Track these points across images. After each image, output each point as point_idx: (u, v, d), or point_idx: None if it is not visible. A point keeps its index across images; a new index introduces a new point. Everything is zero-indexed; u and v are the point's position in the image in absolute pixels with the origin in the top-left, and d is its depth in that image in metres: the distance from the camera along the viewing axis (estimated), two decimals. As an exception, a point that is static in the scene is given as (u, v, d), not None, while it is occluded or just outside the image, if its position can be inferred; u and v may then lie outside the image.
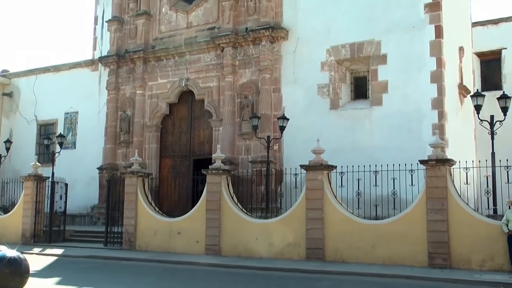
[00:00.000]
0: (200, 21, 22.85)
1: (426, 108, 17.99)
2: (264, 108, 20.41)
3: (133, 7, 24.73)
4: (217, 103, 21.68)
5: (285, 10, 21.01)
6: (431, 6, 18.37)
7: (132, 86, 24.03)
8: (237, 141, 21.11)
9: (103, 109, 25.20)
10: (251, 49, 21.15)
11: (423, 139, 17.22)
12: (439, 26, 18.23)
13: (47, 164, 24.29)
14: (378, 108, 18.81)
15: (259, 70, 20.79)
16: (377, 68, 19.02)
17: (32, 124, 28.24)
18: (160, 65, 23.43)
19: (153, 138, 23.29)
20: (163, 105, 23.25)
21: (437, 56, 18.13)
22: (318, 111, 19.76)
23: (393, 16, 18.89)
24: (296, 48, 20.49)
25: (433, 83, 18.06)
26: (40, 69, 28.75)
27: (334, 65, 19.82)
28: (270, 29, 20.48)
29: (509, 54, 24.58)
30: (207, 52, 22.19)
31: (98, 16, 26.75)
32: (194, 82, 22.44)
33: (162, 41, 23.62)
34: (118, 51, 24.53)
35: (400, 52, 18.63)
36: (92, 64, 26.35)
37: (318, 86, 19.95)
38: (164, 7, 24.07)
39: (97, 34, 26.67)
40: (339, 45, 19.73)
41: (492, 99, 17.42)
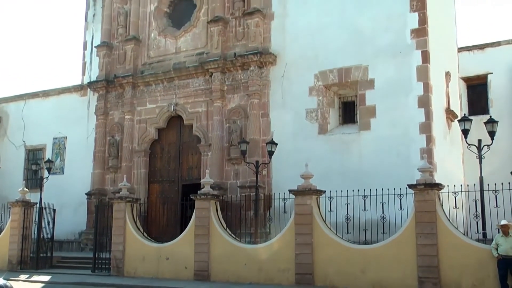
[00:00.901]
0: (189, 47, 22.98)
1: (414, 132, 18.07)
2: (252, 133, 20.43)
3: (122, 33, 24.83)
4: (206, 128, 21.69)
5: (273, 35, 21.18)
6: (417, 32, 18.59)
7: (121, 111, 24.01)
8: (226, 166, 21.06)
9: (91, 134, 25.12)
10: (239, 74, 21.25)
11: (411, 163, 17.24)
12: (425, 52, 18.43)
13: (35, 190, 24.09)
14: (366, 132, 18.88)
15: (248, 95, 20.87)
16: (364, 92, 19.15)
17: (20, 150, 28.07)
18: (149, 90, 23.46)
19: (142, 163, 23.21)
20: (152, 130, 23.22)
21: (424, 81, 18.29)
22: (306, 135, 19.81)
23: (380, 42, 19.08)
24: (284, 73, 20.61)
25: (421, 107, 18.18)
26: (29, 94, 28.68)
27: (322, 90, 19.94)
28: (259, 54, 20.62)
29: (495, 79, 24.86)
30: (196, 77, 22.27)
31: (87, 41, 26.81)
32: (183, 107, 22.47)
33: (151, 66, 23.69)
34: (107, 76, 24.56)
35: (388, 77, 18.78)
36: (81, 89, 26.34)
37: (307, 111, 20.02)
38: (153, 33, 24.19)
39: (86, 59, 26.69)
40: (327, 70, 19.88)
41: (479, 123, 17.59)
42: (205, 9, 22.82)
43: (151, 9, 24.41)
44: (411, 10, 18.80)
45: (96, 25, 26.33)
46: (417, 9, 18.74)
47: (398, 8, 18.95)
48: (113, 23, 25.35)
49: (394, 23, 18.96)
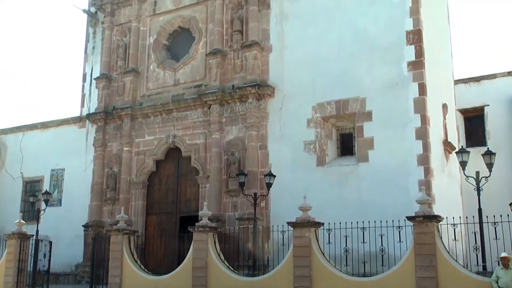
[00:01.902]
0: (188, 79, 23.13)
1: (412, 164, 18.08)
2: (250, 165, 20.43)
3: (122, 65, 25.02)
4: (204, 160, 21.69)
5: (271, 67, 21.35)
6: (414, 64, 18.75)
7: (119, 143, 24.04)
8: (224, 198, 21.00)
9: (89, 166, 25.08)
10: (237, 106, 21.35)
11: (410, 195, 17.21)
12: (422, 84, 18.57)
13: (31, 222, 23.94)
14: (364, 164, 18.89)
15: (246, 127, 20.93)
16: (362, 124, 19.21)
17: (18, 181, 27.98)
18: (148, 122, 23.53)
19: (140, 195, 23.14)
20: (150, 162, 23.21)
21: (421, 113, 18.37)
22: (304, 167, 19.80)
23: (377, 74, 19.23)
24: (282, 105, 20.72)
25: (418, 139, 18.22)
26: (28, 126, 28.73)
27: (320, 122, 20.01)
28: (257, 87, 20.75)
29: (492, 111, 25.01)
30: (194, 109, 22.36)
31: (87, 73, 26.98)
32: (181, 139, 22.51)
33: (150, 98, 23.81)
34: (106, 108, 24.66)
35: (385, 109, 18.87)
36: (80, 121, 26.40)
37: (305, 143, 20.06)
38: (152, 65, 24.38)
39: (85, 91, 26.82)
40: (324, 102, 19.98)
41: (477, 155, 17.64)
42: (204, 41, 23.06)
43: (150, 41, 24.65)
44: (407, 43, 19.00)
45: (96, 57, 26.54)
46: (414, 42, 18.93)
47: (395, 41, 19.15)
48: (112, 55, 25.56)
49: (391, 56, 19.14)
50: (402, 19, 19.20)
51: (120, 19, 25.74)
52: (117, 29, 25.72)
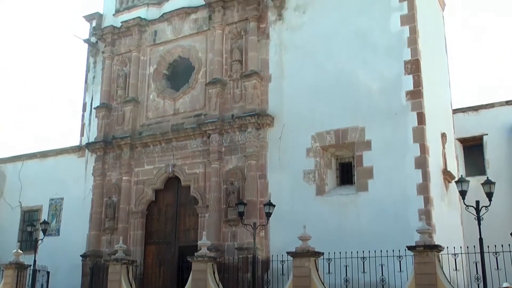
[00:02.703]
0: (187, 108, 23.22)
1: (412, 193, 18.03)
2: (250, 195, 20.38)
3: (122, 94, 25.15)
4: (203, 190, 21.64)
5: (270, 97, 21.45)
6: (412, 94, 18.86)
7: (119, 172, 24.01)
8: (223, 228, 20.89)
9: (88, 195, 24.99)
10: (237, 136, 21.39)
11: (410, 225, 17.13)
12: (421, 113, 18.65)
13: (29, 252, 23.77)
14: (364, 193, 18.85)
15: (245, 157, 20.94)
16: (362, 154, 19.23)
17: (16, 211, 27.86)
18: (147, 151, 23.55)
19: (138, 225, 23.01)
20: (149, 191, 23.16)
21: (420, 142, 18.41)
22: (304, 197, 19.74)
23: (376, 103, 19.32)
24: (282, 134, 20.76)
25: (418, 168, 18.21)
26: (27, 155, 28.73)
27: (319, 151, 20.03)
28: (256, 116, 20.82)
29: (491, 140, 25.09)
30: (194, 139, 22.39)
31: (87, 103, 27.08)
32: (181, 168, 22.49)
33: (149, 127, 23.87)
34: (106, 138, 24.70)
35: (384, 138, 18.91)
36: (79, 150, 26.40)
37: (304, 172, 20.05)
38: (152, 94, 24.50)
39: (85, 121, 26.87)
40: (324, 131, 20.03)
41: (476, 184, 17.58)
42: (204, 71, 23.22)
43: (150, 71, 24.83)
44: (405, 72, 19.14)
45: (96, 87, 26.68)
46: (412, 71, 19.08)
47: (393, 71, 19.30)
48: (112, 84, 25.70)
49: (389, 85, 19.27)
50: (400, 49, 19.38)
51: (121, 49, 25.94)
52: (118, 58, 25.92)
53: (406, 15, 19.60)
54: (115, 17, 26.69)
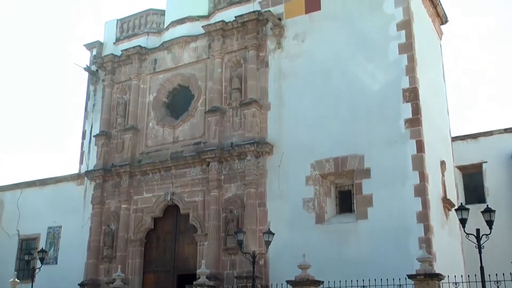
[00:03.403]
0: (186, 136, 23.26)
1: (412, 221, 17.96)
2: (249, 223, 20.28)
3: (121, 122, 25.21)
4: (202, 218, 21.55)
5: (269, 125, 21.50)
6: (411, 122, 18.92)
7: (117, 200, 23.94)
8: (222, 256, 20.76)
9: (87, 223, 24.88)
10: (236, 164, 21.38)
11: (410, 253, 17.05)
12: (420, 141, 18.68)
13: (26, 281, 23.60)
14: (363, 222, 18.77)
15: (245, 185, 20.90)
16: (361, 182, 19.20)
17: (14, 239, 27.68)
18: (146, 179, 23.51)
19: (137, 253, 22.86)
20: (148, 219, 23.05)
21: (419, 170, 18.40)
22: (303, 225, 19.65)
23: (375, 131, 19.36)
24: (281, 162, 20.75)
25: (417, 196, 18.16)
26: (26, 183, 28.65)
27: (318, 179, 20.00)
28: (255, 144, 20.84)
29: (490, 168, 25.12)
30: (193, 167, 22.37)
31: (86, 130, 27.13)
32: (180, 197, 22.43)
33: (149, 155, 23.87)
34: (105, 165, 24.67)
35: (384, 166, 18.91)
36: (78, 178, 26.35)
37: (303, 200, 19.99)
38: (151, 122, 24.56)
39: (85, 149, 26.87)
40: (323, 159, 20.03)
41: (476, 212, 17.54)
42: (203, 99, 23.32)
43: (150, 99, 24.93)
44: (404, 100, 19.23)
45: (96, 115, 26.75)
46: (410, 99, 19.16)
47: (392, 99, 19.39)
48: (112, 112, 25.78)
49: (388, 113, 19.34)
50: (399, 77, 19.50)
51: (121, 77, 26.08)
52: (118, 86, 26.04)
53: (404, 44, 19.77)
54: (115, 45, 26.93)
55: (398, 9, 20.19)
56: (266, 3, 22.93)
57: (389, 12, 20.30)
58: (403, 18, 20.02)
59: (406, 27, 19.92)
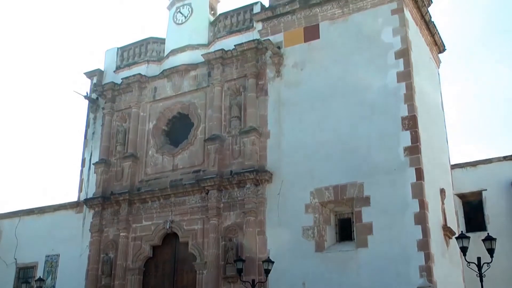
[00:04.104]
0: (186, 164, 23.24)
1: (412, 250, 17.85)
2: (249, 251, 20.15)
3: (121, 150, 25.20)
4: (202, 246, 21.42)
5: (269, 153, 21.50)
6: (410, 150, 18.93)
7: (116, 228, 23.80)
8: (222, 285, 20.56)
9: (85, 251, 24.71)
10: (236, 192, 21.33)
11: (411, 282, 16.93)
12: (419, 169, 18.66)
13: (23, 311, 23.32)
14: (363, 250, 18.65)
15: (244, 213, 20.81)
16: (361, 210, 19.14)
17: (11, 267, 27.42)
18: (145, 207, 23.42)
19: (135, 282, 22.65)
20: (147, 247, 22.90)
21: (419, 198, 18.35)
22: (303, 253, 19.51)
23: (374, 159, 19.37)
24: (281, 190, 20.70)
25: (418, 224, 18.08)
26: (24, 211, 28.48)
27: (318, 207, 19.94)
28: (255, 172, 20.82)
29: (490, 196, 25.07)
30: (192, 195, 22.31)
31: (86, 158, 27.10)
32: (179, 224, 22.32)
33: (148, 183, 23.82)
34: (104, 193, 24.58)
35: (383, 194, 18.86)
36: (77, 206, 26.22)
37: (303, 228, 19.89)
38: (151, 150, 24.56)
39: (84, 176, 26.81)
40: (322, 187, 19.99)
41: (477, 240, 17.45)
42: (203, 127, 23.36)
43: (150, 127, 24.97)
44: (403, 128, 19.28)
45: (95, 143, 26.74)
46: (409, 127, 19.22)
47: (391, 127, 19.45)
48: (112, 140, 25.78)
49: (387, 141, 19.37)
50: (397, 105, 19.59)
51: (121, 105, 26.15)
52: (117, 114, 26.09)
53: (402, 72, 19.91)
54: (115, 73, 27.06)
55: (396, 38, 20.39)
56: (266, 31, 23.15)
57: (387, 41, 20.49)
58: (401, 47, 20.21)
59: (404, 56, 20.10)
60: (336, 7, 21.89)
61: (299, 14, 22.66)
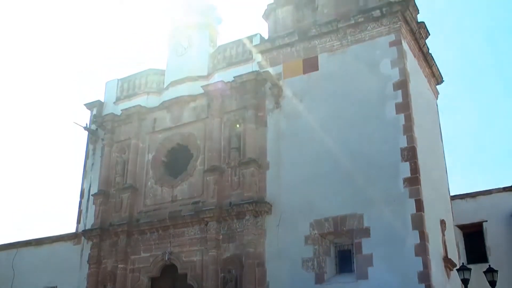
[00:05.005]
0: (185, 195, 23.17)
1: (413, 281, 17.66)
2: (248, 283, 19.95)
3: (120, 181, 25.15)
4: (200, 278, 21.23)
5: (268, 184, 21.45)
6: (409, 181, 18.89)
7: (114, 260, 23.61)
8: (221, 317, 20.35)
9: (83, 283, 24.45)
10: (235, 223, 21.22)
11: (412, 315, 16.74)
12: (419, 200, 18.60)
13: None
14: (364, 282, 18.46)
15: (243, 245, 20.67)
16: (360, 241, 19.01)
17: (7, 301, 27.18)
18: (144, 238, 23.28)
19: (133, 314, 22.41)
20: (145, 279, 22.70)
21: (419, 229, 18.24)
22: (303, 285, 19.31)
23: (374, 190, 19.31)
24: (280, 222, 20.60)
25: (418, 256, 17.94)
26: (22, 243, 28.27)
27: (318, 238, 19.82)
28: (254, 204, 20.74)
29: (490, 227, 24.98)
30: (191, 226, 22.19)
31: (85, 189, 27.04)
32: (177, 256, 22.16)
33: (147, 214, 23.72)
34: (102, 224, 24.46)
35: (383, 225, 18.77)
36: (75, 238, 26.06)
37: (303, 260, 19.74)
38: (150, 181, 24.51)
39: (83, 208, 26.70)
40: (322, 218, 19.89)
41: (479, 271, 17.34)
42: (202, 158, 23.36)
43: (149, 158, 24.97)
44: (402, 159, 19.27)
45: (95, 174, 26.69)
46: (408, 158, 19.20)
47: (390, 158, 19.43)
48: (111, 171, 25.73)
49: (386, 173, 19.34)
50: (396, 136, 19.61)
51: (120, 136, 26.18)
52: (117, 145, 26.09)
53: (401, 103, 19.98)
54: (115, 104, 27.15)
55: (394, 69, 20.51)
56: (265, 63, 23.32)
57: (386, 73, 20.62)
58: (399, 78, 20.32)
59: (403, 87, 20.19)
60: (335, 39, 22.10)
61: (298, 46, 22.85)
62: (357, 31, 21.71)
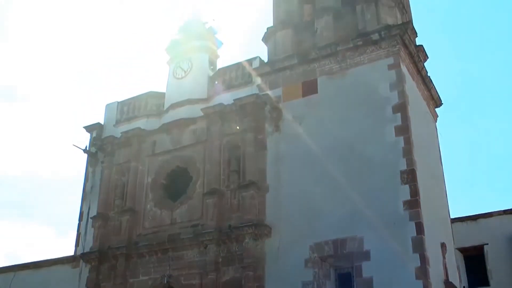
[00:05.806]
0: (184, 218, 23.08)
1: (414, 305, 17.57)
2: (247, 307, 19.81)
3: (119, 204, 25.07)
4: (200, 301, 21.06)
5: (268, 207, 21.38)
6: (410, 204, 18.85)
7: (113, 283, 23.40)
8: None
9: (81, 307, 24.28)
10: (234, 246, 21.10)
11: None
12: (419, 223, 18.53)
13: None
14: (364, 306, 18.34)
15: (243, 268, 20.52)
16: (361, 264, 18.89)
17: (5, 324, 26.89)
18: (143, 261, 23.13)
19: None
20: (144, 303, 22.51)
21: (420, 252, 18.15)
22: (303, 309, 19.18)
23: (373, 213, 19.23)
24: (280, 245, 20.49)
25: (419, 279, 17.81)
26: (19, 266, 28.04)
27: (318, 261, 19.70)
28: (254, 227, 20.65)
29: (492, 250, 24.87)
30: (191, 249, 22.07)
31: (84, 212, 26.92)
32: (176, 279, 22.00)
33: (146, 237, 23.60)
34: (101, 247, 24.30)
35: (383, 249, 18.66)
36: (74, 261, 25.86)
37: (303, 283, 19.58)
38: (149, 204, 24.43)
39: (81, 230, 26.55)
40: (322, 241, 19.79)
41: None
42: (201, 181, 23.31)
43: (148, 180, 24.92)
44: (402, 182, 19.24)
45: (94, 196, 26.58)
46: (408, 181, 19.18)
47: (390, 181, 19.42)
48: (110, 194, 25.65)
49: (386, 195, 19.31)
50: (396, 159, 19.61)
51: (120, 158, 26.13)
52: (116, 168, 26.03)
53: (400, 126, 20.02)
54: (115, 127, 27.13)
55: (393, 92, 20.60)
56: (264, 86, 23.40)
57: (385, 95, 20.70)
58: (398, 101, 20.38)
59: (402, 110, 20.25)
60: (334, 62, 22.23)
61: (298, 69, 22.98)
62: (356, 54, 21.86)
